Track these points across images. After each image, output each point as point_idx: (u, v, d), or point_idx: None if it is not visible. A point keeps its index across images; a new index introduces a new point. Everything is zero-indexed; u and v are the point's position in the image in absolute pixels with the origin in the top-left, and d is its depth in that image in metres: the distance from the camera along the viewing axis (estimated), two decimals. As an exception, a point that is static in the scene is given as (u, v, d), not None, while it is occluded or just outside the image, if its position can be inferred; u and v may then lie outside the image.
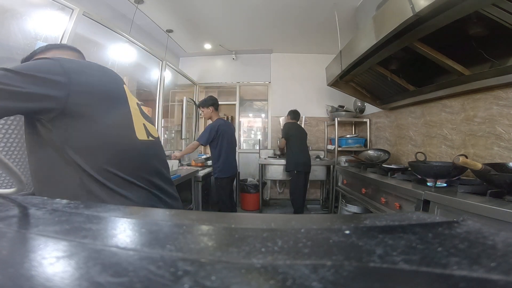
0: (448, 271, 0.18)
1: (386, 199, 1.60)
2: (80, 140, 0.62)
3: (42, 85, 0.57)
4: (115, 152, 0.68)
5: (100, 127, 0.65)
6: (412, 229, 0.27)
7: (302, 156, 3.06)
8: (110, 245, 0.23)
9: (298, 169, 3.00)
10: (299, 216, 1.03)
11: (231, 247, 0.23)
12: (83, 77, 0.65)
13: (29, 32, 1.70)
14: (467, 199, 1.04)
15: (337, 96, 3.62)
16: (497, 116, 1.51)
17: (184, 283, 0.16)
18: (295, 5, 2.60)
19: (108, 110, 0.67)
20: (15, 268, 0.18)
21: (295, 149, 3.05)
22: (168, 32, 3.22)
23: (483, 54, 1.41)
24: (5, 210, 0.34)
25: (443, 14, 1.22)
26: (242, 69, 4.05)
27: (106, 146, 0.66)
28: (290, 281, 0.17)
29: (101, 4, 2.41)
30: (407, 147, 2.44)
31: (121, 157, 0.70)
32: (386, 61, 1.91)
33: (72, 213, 0.35)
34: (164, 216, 0.38)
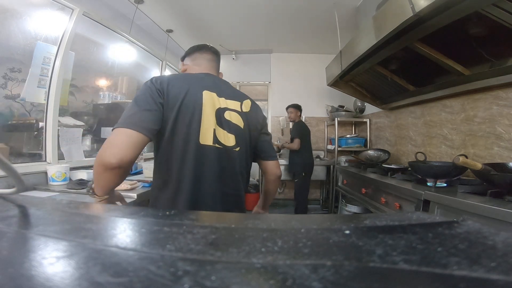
0: (448, 271, 0.18)
1: (386, 199, 1.60)
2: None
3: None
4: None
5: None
6: (412, 229, 0.27)
7: (311, 156, 2.94)
8: (110, 245, 0.23)
9: (307, 170, 2.87)
10: (299, 216, 1.03)
11: (231, 247, 0.23)
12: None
13: (29, 32, 1.70)
14: (467, 199, 1.04)
15: (337, 96, 3.62)
16: (497, 116, 1.51)
17: (184, 283, 0.16)
18: (295, 5, 2.60)
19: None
20: (15, 268, 0.18)
21: (306, 149, 2.88)
22: (168, 32, 3.22)
23: (483, 54, 1.41)
24: (5, 210, 0.34)
25: (443, 14, 1.22)
26: (242, 69, 4.05)
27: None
28: (290, 281, 0.17)
29: (101, 4, 2.41)
30: (407, 147, 2.44)
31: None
32: (386, 61, 1.91)
33: (72, 213, 0.35)
34: (164, 216, 0.38)
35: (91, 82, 2.50)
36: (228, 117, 0.86)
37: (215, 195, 0.83)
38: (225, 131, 0.84)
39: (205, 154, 0.81)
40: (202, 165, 0.80)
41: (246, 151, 0.91)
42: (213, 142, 0.81)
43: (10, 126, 1.70)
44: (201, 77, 0.88)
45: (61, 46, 1.65)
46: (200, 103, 0.80)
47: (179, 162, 0.80)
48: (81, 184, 1.44)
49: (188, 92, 0.79)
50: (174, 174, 0.80)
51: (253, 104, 0.97)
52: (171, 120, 0.77)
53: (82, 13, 1.71)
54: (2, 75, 1.68)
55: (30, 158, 1.61)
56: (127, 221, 0.32)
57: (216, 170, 0.82)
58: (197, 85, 0.82)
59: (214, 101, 0.83)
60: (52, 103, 1.61)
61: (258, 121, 0.96)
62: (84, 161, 1.79)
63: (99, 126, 2.19)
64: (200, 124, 0.80)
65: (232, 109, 0.87)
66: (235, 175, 0.87)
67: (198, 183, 0.80)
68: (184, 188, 0.79)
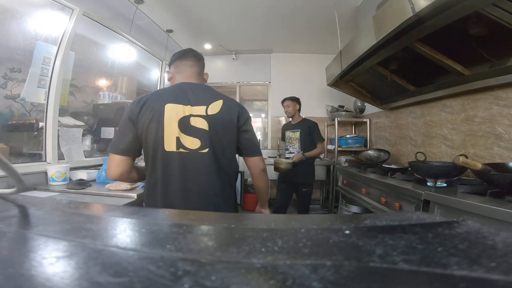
0: (448, 271, 0.18)
1: (386, 199, 1.60)
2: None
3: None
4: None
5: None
6: (412, 229, 0.27)
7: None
8: (110, 245, 0.23)
9: (315, 176, 2.59)
10: (299, 216, 1.03)
11: (231, 247, 0.23)
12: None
13: (29, 32, 1.70)
14: (467, 199, 1.04)
15: (337, 96, 3.62)
16: (497, 116, 1.51)
17: (184, 283, 0.16)
18: (295, 5, 2.60)
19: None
20: (15, 268, 0.18)
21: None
22: (168, 32, 3.22)
23: (483, 54, 1.41)
24: (5, 210, 0.34)
25: (443, 14, 1.22)
26: (242, 69, 4.04)
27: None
28: (290, 281, 0.17)
29: (101, 4, 2.41)
30: (407, 147, 2.44)
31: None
32: (386, 61, 1.91)
33: (72, 213, 0.35)
34: (164, 216, 0.38)
35: (91, 82, 2.50)
36: (193, 123, 0.95)
37: (181, 195, 0.94)
38: (190, 137, 0.94)
39: (170, 159, 0.93)
40: (169, 168, 0.94)
41: (217, 150, 0.97)
42: (176, 148, 0.93)
43: (10, 126, 1.70)
44: (170, 91, 1.00)
45: (61, 46, 1.65)
46: (162, 116, 0.92)
47: (152, 167, 0.96)
48: (81, 184, 1.44)
49: (153, 110, 0.93)
50: (151, 177, 0.97)
51: (225, 104, 1.01)
52: (144, 135, 0.94)
53: (82, 13, 1.71)
54: (2, 75, 1.68)
55: (30, 158, 1.61)
56: (127, 221, 0.32)
57: (180, 172, 0.93)
58: (162, 101, 0.95)
59: (178, 111, 0.94)
60: (52, 103, 1.61)
61: (231, 119, 1.01)
62: (84, 161, 1.79)
63: (99, 126, 2.19)
64: (164, 133, 0.92)
65: (196, 115, 0.95)
66: (204, 175, 0.95)
67: (166, 185, 0.94)
68: (157, 189, 0.95)
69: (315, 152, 2.45)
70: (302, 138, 2.49)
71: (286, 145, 2.64)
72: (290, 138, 2.59)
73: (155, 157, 0.94)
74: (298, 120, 2.59)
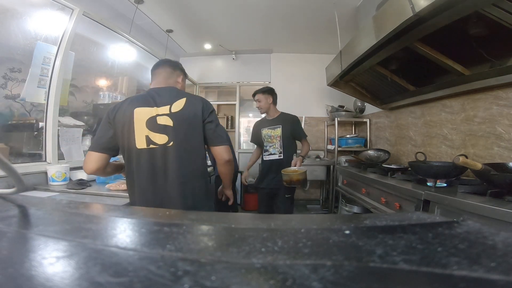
0: (448, 271, 0.18)
1: (386, 199, 1.60)
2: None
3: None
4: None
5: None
6: (412, 229, 0.27)
7: None
8: (110, 245, 0.23)
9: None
10: (299, 216, 1.03)
11: (231, 247, 0.23)
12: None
13: (29, 32, 1.70)
14: (467, 199, 1.04)
15: (337, 96, 3.62)
16: (497, 116, 1.51)
17: (184, 283, 0.16)
18: (295, 5, 2.60)
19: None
20: (15, 268, 0.18)
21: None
22: (168, 32, 3.22)
23: (483, 54, 1.41)
24: (5, 210, 0.34)
25: (443, 14, 1.22)
26: (242, 69, 4.04)
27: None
28: (290, 281, 0.17)
29: (101, 4, 2.41)
30: (407, 147, 2.44)
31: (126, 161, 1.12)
32: (386, 61, 1.91)
33: (72, 213, 0.35)
34: (164, 216, 0.38)
35: (91, 82, 2.50)
36: (160, 121, 1.08)
37: (154, 185, 1.08)
38: (158, 133, 1.07)
39: (142, 154, 1.07)
40: (141, 163, 1.07)
41: (182, 143, 1.09)
42: (147, 145, 1.07)
43: (10, 126, 1.70)
44: (139, 97, 1.14)
45: (61, 46, 1.65)
46: (132, 119, 1.06)
47: (128, 164, 1.10)
48: (81, 184, 1.44)
49: (124, 114, 1.07)
50: (129, 173, 1.11)
51: (188, 101, 1.13)
52: (119, 136, 1.08)
53: (82, 13, 1.71)
54: (2, 75, 1.68)
55: (30, 158, 1.61)
56: (127, 221, 0.32)
57: (152, 165, 1.07)
58: (131, 106, 1.09)
59: (145, 113, 1.07)
60: (52, 103, 1.61)
61: (195, 114, 1.12)
62: (84, 161, 1.78)
63: (99, 126, 2.19)
64: (135, 133, 1.06)
65: (162, 114, 1.08)
66: (172, 166, 1.08)
67: (140, 177, 1.08)
68: (134, 182, 1.09)
69: (307, 150, 2.16)
70: (284, 135, 2.11)
71: (265, 145, 2.17)
72: (269, 136, 2.16)
73: (130, 155, 1.08)
74: (275, 114, 2.21)
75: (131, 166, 1.09)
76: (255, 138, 2.29)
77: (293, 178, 1.85)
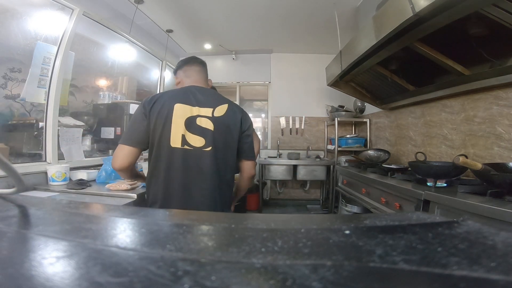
0: (448, 271, 0.18)
1: (386, 199, 1.60)
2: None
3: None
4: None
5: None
6: (412, 229, 0.27)
7: None
8: (110, 245, 0.23)
9: None
10: (299, 216, 1.03)
11: (231, 247, 0.23)
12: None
13: (29, 32, 1.70)
14: (467, 199, 1.04)
15: (337, 96, 3.62)
16: (497, 116, 1.51)
17: (184, 283, 0.16)
18: (295, 5, 2.60)
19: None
20: (15, 268, 0.18)
21: None
22: (168, 32, 3.22)
23: (483, 54, 1.41)
24: (5, 210, 0.34)
25: (443, 14, 1.22)
26: (242, 69, 4.04)
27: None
28: (290, 281, 0.17)
29: (101, 4, 2.41)
30: (407, 147, 2.44)
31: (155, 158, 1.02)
32: (386, 61, 1.91)
33: (72, 213, 0.35)
34: (164, 216, 0.38)
35: (91, 82, 2.50)
36: (199, 122, 1.02)
37: (183, 188, 1.01)
38: (195, 135, 1.01)
39: (175, 154, 1.00)
40: (172, 163, 1.01)
41: (220, 150, 1.05)
42: (181, 145, 1.00)
43: (10, 126, 1.70)
44: (180, 92, 1.07)
45: (61, 46, 1.65)
46: (171, 114, 1.00)
47: (156, 161, 1.02)
48: (81, 184, 1.44)
49: (163, 107, 1.00)
50: (155, 170, 1.03)
51: (230, 108, 1.11)
52: (152, 130, 1.00)
53: (82, 13, 1.71)
54: (2, 75, 1.68)
55: (30, 158, 1.61)
56: (127, 221, 0.32)
57: (183, 168, 1.01)
58: (172, 100, 1.02)
59: (185, 111, 1.02)
60: (52, 103, 1.60)
61: (235, 122, 1.10)
62: (84, 161, 1.79)
63: (99, 126, 2.19)
64: (171, 130, 0.99)
65: (203, 115, 1.03)
66: (205, 171, 1.02)
67: (168, 178, 1.01)
68: (159, 182, 1.01)
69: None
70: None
71: None
72: None
73: (161, 152, 1.01)
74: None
75: (158, 164, 1.01)
76: None
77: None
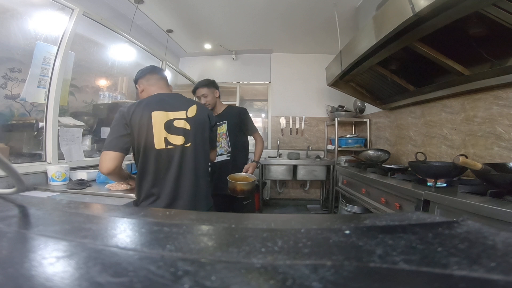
0: (448, 271, 0.18)
1: (386, 199, 1.60)
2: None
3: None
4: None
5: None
6: (412, 229, 0.27)
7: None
8: (110, 245, 0.23)
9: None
10: (299, 216, 1.03)
11: (231, 247, 0.23)
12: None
13: (29, 32, 1.70)
14: (467, 199, 1.04)
15: (337, 96, 3.62)
16: (497, 116, 1.51)
17: (184, 283, 0.16)
18: (295, 5, 2.60)
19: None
20: (15, 268, 0.18)
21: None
22: (168, 32, 3.22)
23: (483, 54, 1.41)
24: (5, 210, 0.34)
25: (443, 14, 1.22)
26: (242, 69, 4.04)
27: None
28: (290, 281, 0.17)
29: (101, 4, 2.41)
30: (407, 147, 2.44)
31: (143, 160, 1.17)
32: (386, 61, 1.91)
33: (72, 213, 0.35)
34: (164, 216, 0.38)
35: (91, 82, 2.50)
36: (177, 124, 1.19)
37: (173, 181, 1.17)
38: (175, 135, 1.18)
39: (161, 154, 1.16)
40: (160, 162, 1.16)
41: (197, 145, 1.23)
42: (165, 146, 1.16)
43: (10, 126, 1.70)
44: (152, 101, 1.20)
45: (61, 46, 1.65)
46: (150, 122, 1.14)
47: (144, 162, 1.16)
48: (81, 184, 1.44)
49: (141, 118, 1.14)
50: (144, 170, 1.17)
51: (199, 108, 1.28)
52: (136, 137, 1.14)
53: (82, 13, 1.71)
54: (2, 75, 1.68)
55: (30, 158, 1.61)
56: (127, 221, 0.32)
57: (170, 164, 1.17)
58: (148, 109, 1.15)
59: (163, 117, 1.17)
60: (52, 103, 1.60)
61: (205, 119, 1.29)
62: (84, 161, 1.79)
63: (99, 126, 2.19)
64: (153, 135, 1.14)
65: (179, 118, 1.20)
66: (188, 164, 1.20)
67: (157, 175, 1.16)
68: (148, 179, 1.16)
69: (261, 150, 1.89)
70: (230, 131, 1.84)
71: None
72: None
73: (148, 154, 1.15)
74: (221, 109, 1.94)
75: (147, 165, 1.16)
76: None
77: (237, 187, 1.52)
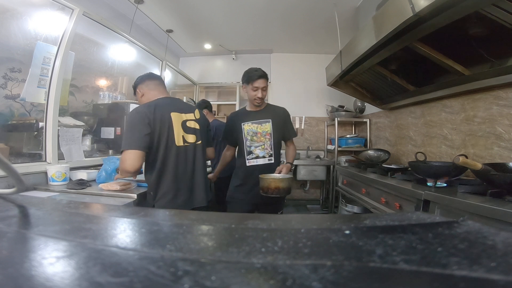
0: (448, 271, 0.18)
1: (386, 199, 1.60)
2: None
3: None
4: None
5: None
6: (412, 229, 0.27)
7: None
8: (110, 245, 0.23)
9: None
10: (299, 216, 1.04)
11: (231, 247, 0.23)
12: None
13: (29, 32, 1.70)
14: (467, 199, 1.04)
15: (337, 96, 3.62)
16: (497, 116, 1.51)
17: (184, 283, 0.16)
18: (295, 5, 2.60)
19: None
20: (15, 268, 0.18)
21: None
22: (168, 32, 3.22)
23: (483, 54, 1.41)
24: (5, 210, 0.34)
25: (443, 14, 1.22)
26: (242, 69, 3.99)
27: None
28: (290, 281, 0.17)
29: (101, 4, 2.41)
30: (407, 147, 2.44)
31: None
32: (386, 61, 1.91)
33: (72, 213, 0.35)
34: (164, 216, 0.38)
35: (91, 82, 2.50)
36: (189, 124, 1.35)
37: (190, 173, 1.33)
38: (189, 134, 1.34)
39: (180, 150, 1.30)
40: (180, 157, 1.30)
41: (204, 142, 1.42)
42: (183, 143, 1.31)
43: (10, 126, 1.70)
44: (166, 102, 1.31)
45: (61, 46, 1.65)
46: (170, 121, 1.27)
47: (164, 158, 1.26)
48: (81, 184, 1.44)
49: (163, 116, 1.24)
50: (163, 165, 1.26)
51: (199, 111, 1.46)
52: (157, 135, 1.23)
53: (82, 13, 1.71)
54: (2, 75, 1.68)
55: (30, 158, 1.61)
56: (127, 221, 0.32)
57: (187, 159, 1.32)
58: (167, 110, 1.27)
59: (179, 117, 1.31)
60: (52, 103, 1.60)
61: (205, 121, 1.48)
62: (84, 161, 1.79)
63: (99, 126, 2.19)
64: (174, 134, 1.27)
65: (190, 119, 1.36)
66: (200, 159, 1.38)
67: (177, 169, 1.28)
68: (168, 174, 1.26)
69: (294, 154, 1.75)
70: (274, 133, 1.62)
71: (248, 145, 1.62)
72: (255, 133, 1.62)
73: (169, 151, 1.26)
74: (263, 105, 1.72)
75: (167, 161, 1.26)
76: (230, 135, 1.70)
77: (271, 185, 1.40)
